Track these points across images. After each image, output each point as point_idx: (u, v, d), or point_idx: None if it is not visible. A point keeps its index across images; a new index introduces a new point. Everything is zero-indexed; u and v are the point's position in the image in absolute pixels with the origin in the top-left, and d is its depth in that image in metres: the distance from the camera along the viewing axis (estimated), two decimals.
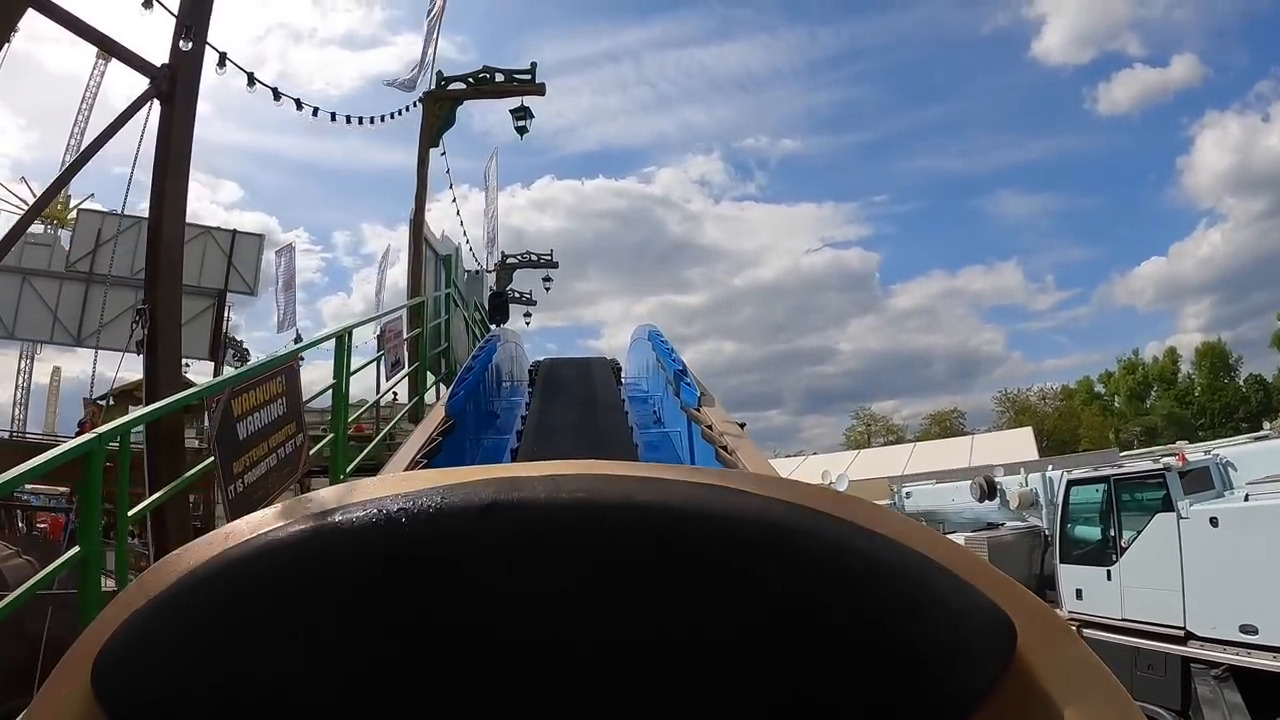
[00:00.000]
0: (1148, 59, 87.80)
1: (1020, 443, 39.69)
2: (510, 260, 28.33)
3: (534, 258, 29.64)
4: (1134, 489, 11.17)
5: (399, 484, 0.73)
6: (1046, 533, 13.40)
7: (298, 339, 27.30)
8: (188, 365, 22.24)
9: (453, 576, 0.67)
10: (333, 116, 13.82)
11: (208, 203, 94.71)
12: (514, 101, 16.24)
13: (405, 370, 10.58)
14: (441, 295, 13.71)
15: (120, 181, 13.68)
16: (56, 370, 48.25)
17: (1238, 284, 78.28)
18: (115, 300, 17.17)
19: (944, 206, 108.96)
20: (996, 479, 14.17)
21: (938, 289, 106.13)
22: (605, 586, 0.66)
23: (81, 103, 40.80)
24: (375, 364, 9.05)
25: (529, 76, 16.46)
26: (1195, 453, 11.87)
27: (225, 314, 19.02)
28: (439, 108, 15.53)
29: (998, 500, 14.21)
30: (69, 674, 0.68)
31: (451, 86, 15.83)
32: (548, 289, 30.38)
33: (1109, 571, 10.93)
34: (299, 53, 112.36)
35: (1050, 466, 14.95)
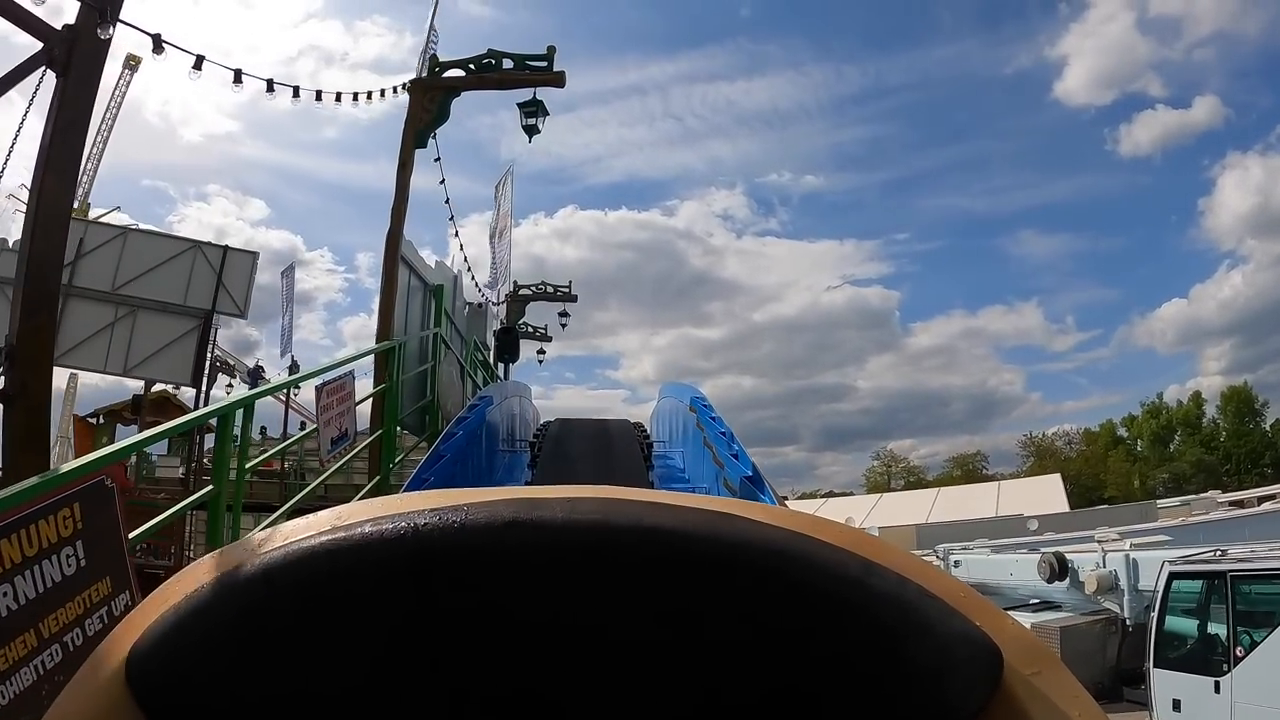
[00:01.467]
0: (1169, 100, 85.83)
1: (1048, 490, 37.52)
2: (523, 291, 25.65)
3: (550, 289, 26.60)
4: (1258, 585, 9.14)
5: (427, 500, 0.74)
6: (1127, 621, 11.37)
7: (293, 368, 25.66)
8: (176, 389, 20.37)
9: (475, 587, 0.69)
10: (295, 92, 11.32)
11: (234, 219, 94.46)
12: (525, 94, 12.46)
13: (362, 439, 8.39)
14: (429, 336, 11.53)
15: (151, 195, 12.59)
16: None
17: (1259, 327, 75.73)
18: (89, 316, 15.42)
19: (965, 246, 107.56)
20: (1067, 555, 12.15)
21: (957, 328, 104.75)
22: (615, 603, 0.69)
23: (105, 112, 39.90)
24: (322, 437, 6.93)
25: (545, 64, 12.71)
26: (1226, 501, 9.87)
27: (212, 337, 17.27)
28: (429, 99, 11.87)
29: (1067, 580, 12.18)
30: (103, 665, 0.69)
31: (448, 74, 12.39)
32: (564, 324, 26.99)
33: (1218, 683, 8.94)
34: (330, 75, 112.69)
35: (1130, 544, 12.88)
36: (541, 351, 28.97)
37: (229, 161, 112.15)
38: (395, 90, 13.04)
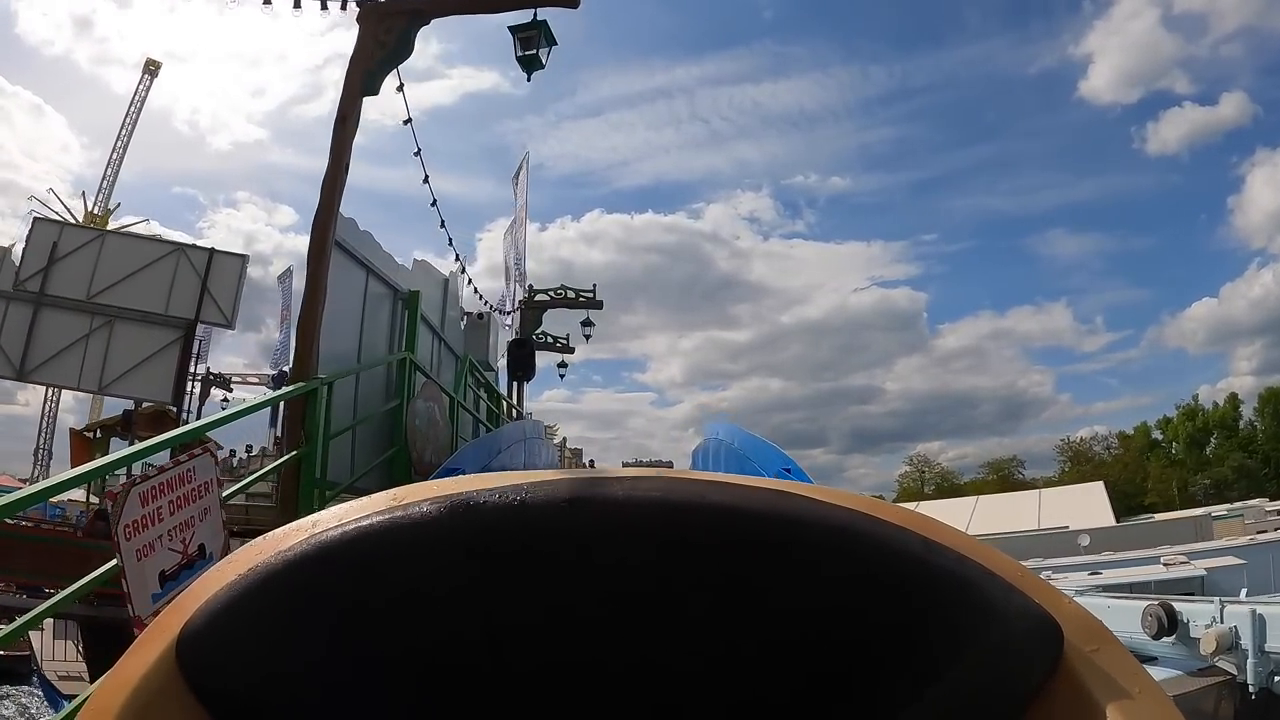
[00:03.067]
0: (1196, 97, 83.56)
1: (1092, 499, 35.36)
2: (540, 297, 21.87)
3: (571, 294, 22.52)
4: None
5: (486, 481, 0.73)
6: (1250, 687, 9.32)
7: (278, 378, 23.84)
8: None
9: (535, 564, 0.68)
10: None
11: (264, 225, 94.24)
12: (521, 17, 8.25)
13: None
14: (395, 363, 8.64)
15: (181, 201, 11.26)
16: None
17: None
18: (62, 327, 13.75)
19: (993, 246, 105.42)
20: (1177, 607, 10.11)
21: (986, 329, 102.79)
22: (676, 579, 0.68)
23: (125, 117, 38.70)
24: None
25: None
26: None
27: (196, 348, 15.56)
28: (385, 29, 7.64)
29: (1175, 634, 10.15)
30: (155, 640, 0.68)
31: None
32: (588, 336, 22.90)
33: None
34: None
35: (1256, 609, 10.79)
36: (563, 365, 25.68)
37: (258, 168, 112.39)
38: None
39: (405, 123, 9.53)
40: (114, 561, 3.32)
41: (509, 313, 19.51)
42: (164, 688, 0.66)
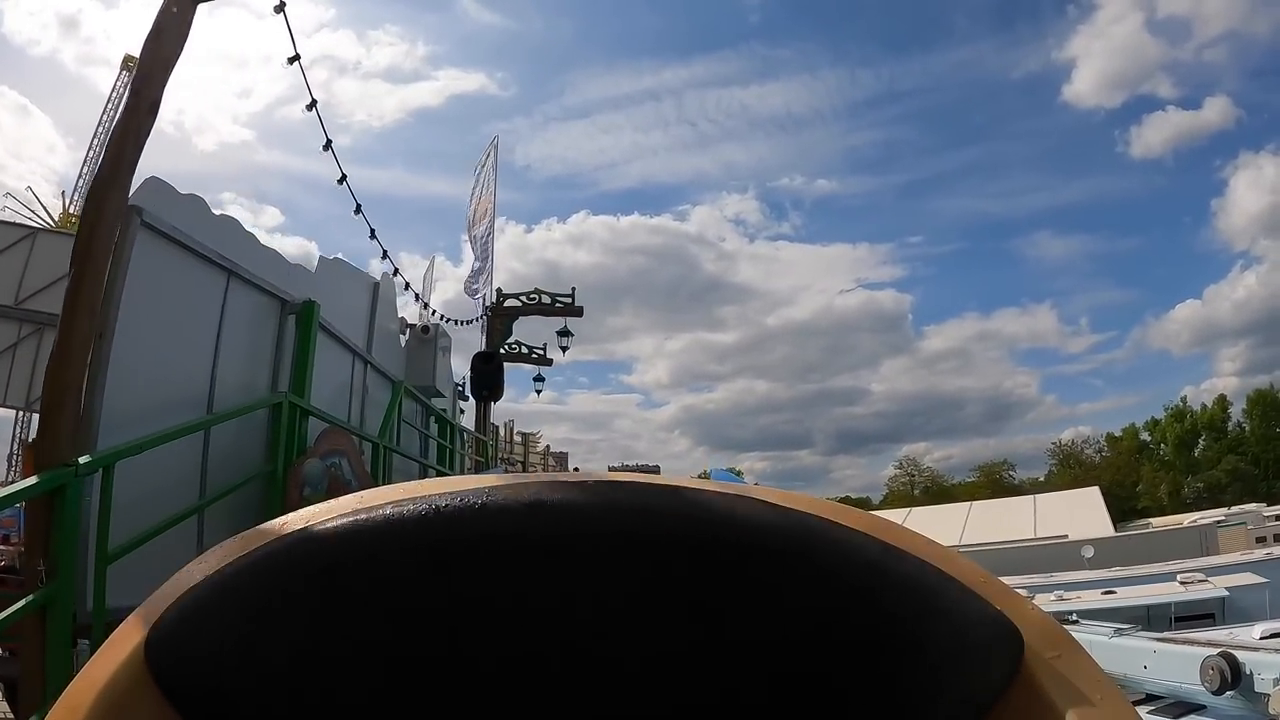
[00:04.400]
0: (1180, 101, 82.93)
1: (1088, 504, 34.18)
2: (510, 302, 18.00)
3: (546, 299, 18.32)
4: None
5: (450, 485, 0.74)
6: None
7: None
8: None
9: (497, 566, 0.69)
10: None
11: (250, 226, 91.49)
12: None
13: None
14: (272, 408, 6.05)
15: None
16: None
17: (1273, 327, 72.67)
18: None
19: (979, 248, 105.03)
20: (1240, 657, 8.80)
21: (971, 331, 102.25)
22: (634, 583, 0.68)
23: (103, 114, 37.27)
24: None
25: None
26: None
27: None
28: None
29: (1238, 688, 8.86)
30: (124, 640, 0.68)
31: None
32: (565, 348, 19.09)
33: None
34: (343, 84, 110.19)
35: None
36: (539, 379, 21.87)
37: (244, 169, 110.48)
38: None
39: (309, 107, 8.78)
40: None
41: (478, 319, 17.33)
42: (133, 687, 0.65)
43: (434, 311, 16.99)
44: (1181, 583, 16.34)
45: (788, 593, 0.68)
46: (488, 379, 12.46)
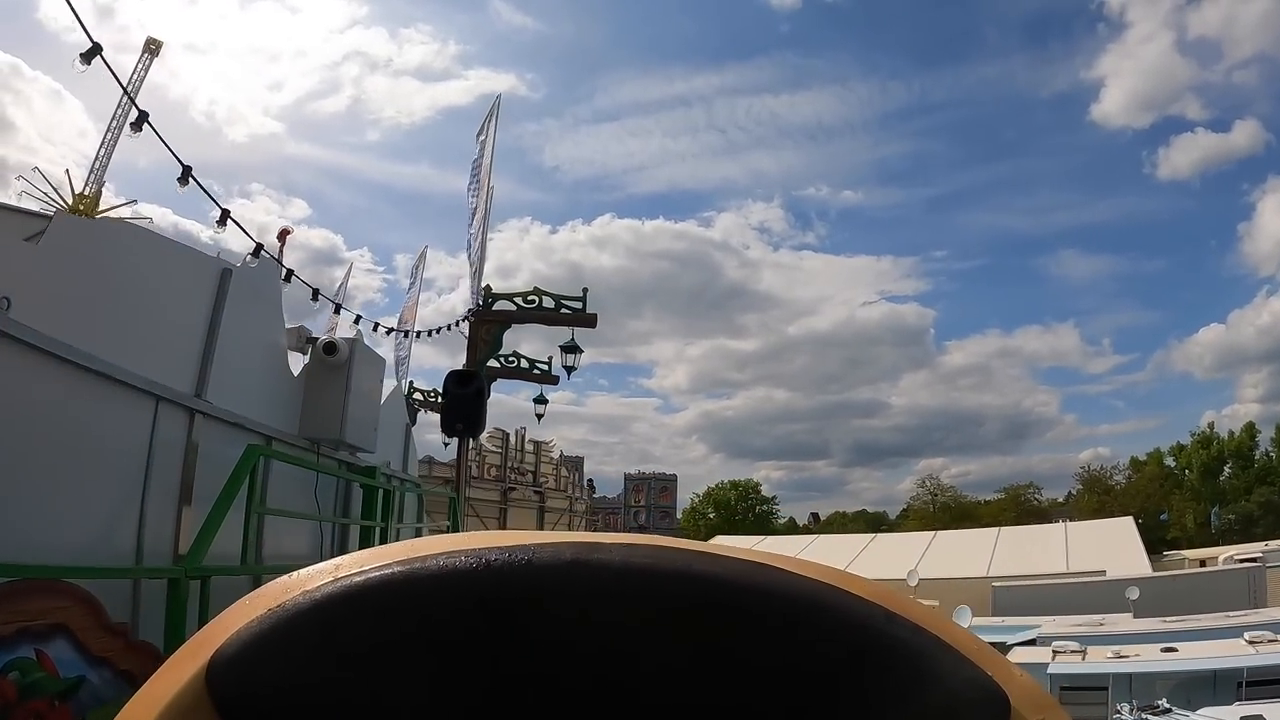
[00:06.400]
0: (1209, 123, 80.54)
1: (1121, 536, 32.24)
2: (501, 305, 13.23)
3: (550, 303, 13.35)
4: None
5: (497, 539, 0.77)
6: None
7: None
8: None
9: (539, 618, 0.72)
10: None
11: (276, 217, 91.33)
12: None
13: None
14: None
15: (196, 192, 7.74)
16: None
17: None
18: None
19: (1004, 265, 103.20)
20: None
21: (993, 348, 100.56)
22: (661, 638, 0.72)
23: (121, 98, 36.02)
24: None
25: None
26: None
27: None
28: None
29: None
30: (185, 663, 0.71)
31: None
32: (570, 369, 14.47)
33: None
34: (373, 81, 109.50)
35: None
36: (541, 400, 17.82)
37: (273, 160, 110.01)
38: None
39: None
40: None
41: (463, 320, 13.69)
42: (192, 708, 0.68)
43: (359, 319, 13.04)
44: (1249, 641, 14.77)
45: (797, 653, 0.71)
46: (463, 407, 8.84)
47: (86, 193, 34.04)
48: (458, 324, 14.15)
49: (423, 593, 0.72)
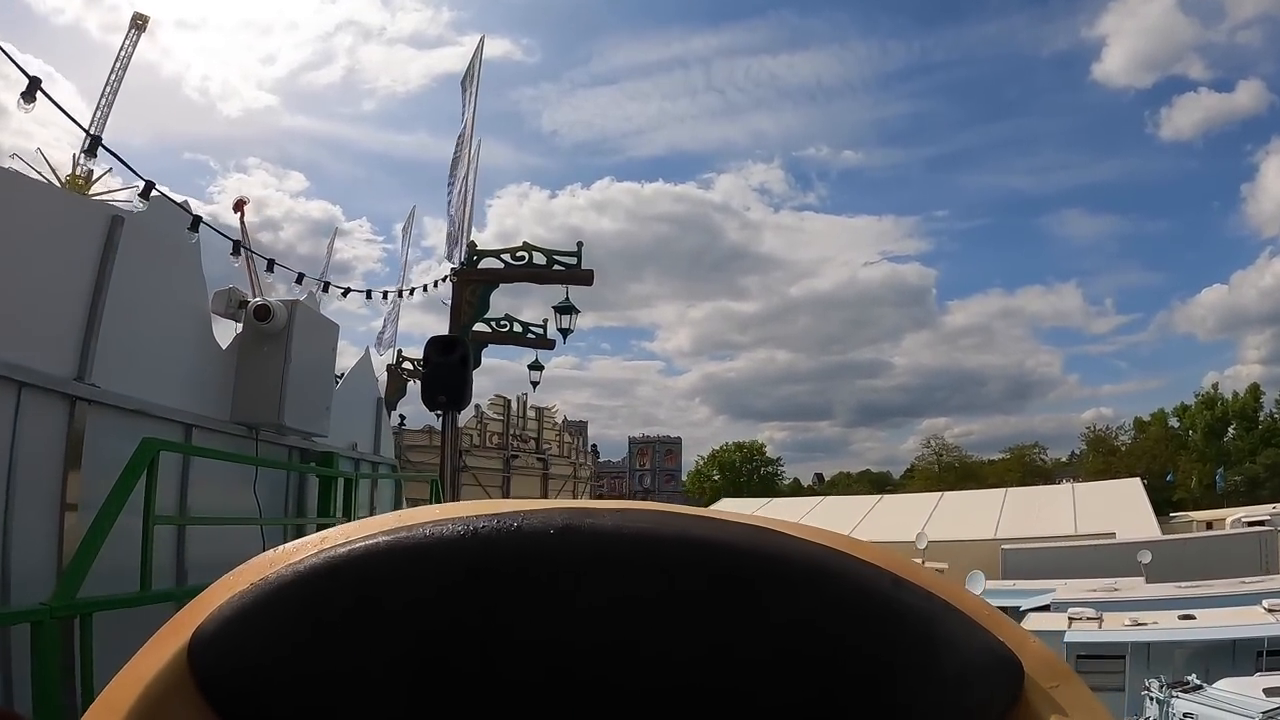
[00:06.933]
0: (1212, 83, 78.93)
1: (1130, 498, 31.90)
2: (488, 262, 11.95)
3: (540, 259, 11.92)
4: None
5: (486, 507, 0.75)
6: None
7: None
8: None
9: (529, 587, 0.70)
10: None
11: (274, 190, 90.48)
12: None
13: None
14: None
15: (192, 167, 6.44)
16: None
17: None
18: None
19: (1006, 224, 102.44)
20: None
21: (995, 308, 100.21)
22: (659, 607, 0.70)
23: (111, 73, 35.37)
24: None
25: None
26: None
27: None
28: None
29: None
30: (166, 642, 0.69)
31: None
32: (566, 332, 13.07)
33: None
34: (367, 50, 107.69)
35: None
36: (537, 366, 16.14)
37: (269, 134, 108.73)
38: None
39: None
40: None
41: (442, 281, 12.39)
42: (175, 686, 0.67)
43: (301, 278, 9.95)
44: (1267, 608, 14.41)
45: (803, 620, 0.69)
46: (447, 377, 7.60)
47: (78, 173, 33.49)
48: (435, 285, 13.05)
49: (409, 563, 0.70)
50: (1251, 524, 26.32)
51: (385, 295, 13.75)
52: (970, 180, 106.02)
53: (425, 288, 13.68)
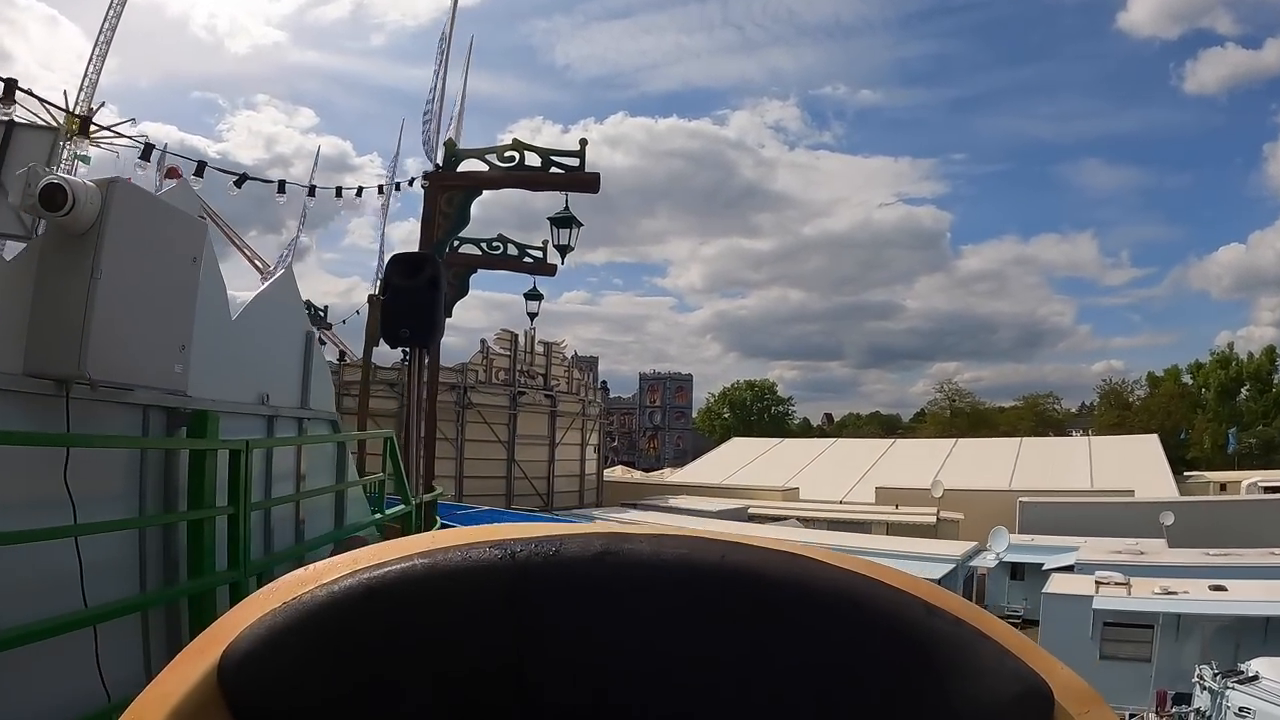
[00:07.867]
0: (1239, 39, 75.75)
1: (1147, 455, 31.17)
2: (470, 164, 9.63)
3: (535, 160, 9.51)
4: None
5: (521, 530, 0.74)
6: None
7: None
8: None
9: (565, 614, 0.69)
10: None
11: (284, 127, 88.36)
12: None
13: None
14: None
15: (201, 106, 5.19)
16: None
17: None
18: None
19: (1023, 170, 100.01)
20: None
21: (1009, 254, 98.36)
22: (695, 631, 0.70)
23: (109, 9, 33.95)
24: None
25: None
26: None
27: None
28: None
29: None
30: (197, 657, 0.68)
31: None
32: (565, 248, 10.62)
33: None
34: None
35: None
36: (535, 295, 13.67)
37: (278, 70, 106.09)
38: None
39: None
40: None
41: (413, 181, 10.34)
42: (203, 703, 0.65)
43: (203, 168, 8.47)
44: None
45: (836, 647, 0.69)
46: (411, 305, 5.86)
47: (78, 112, 32.40)
48: (397, 187, 11.33)
49: (446, 587, 0.69)
50: (1268, 489, 25.62)
51: (312, 191, 11.23)
52: (989, 124, 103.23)
53: (380, 188, 11.95)
